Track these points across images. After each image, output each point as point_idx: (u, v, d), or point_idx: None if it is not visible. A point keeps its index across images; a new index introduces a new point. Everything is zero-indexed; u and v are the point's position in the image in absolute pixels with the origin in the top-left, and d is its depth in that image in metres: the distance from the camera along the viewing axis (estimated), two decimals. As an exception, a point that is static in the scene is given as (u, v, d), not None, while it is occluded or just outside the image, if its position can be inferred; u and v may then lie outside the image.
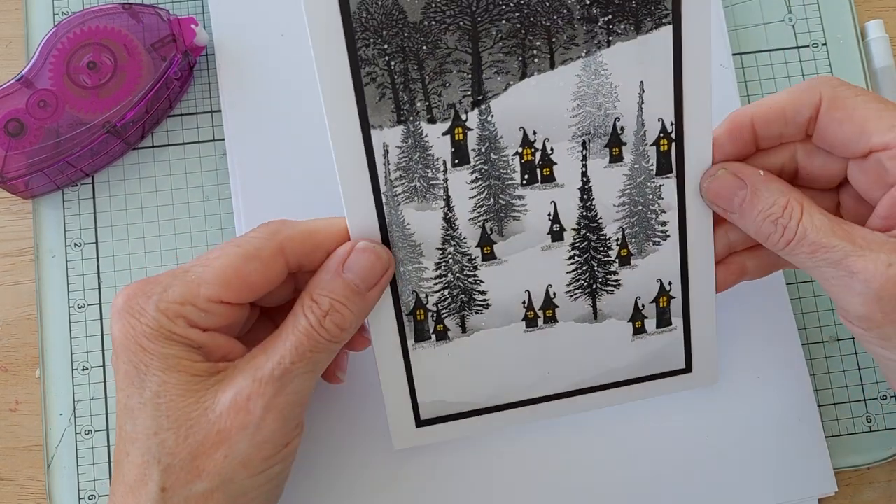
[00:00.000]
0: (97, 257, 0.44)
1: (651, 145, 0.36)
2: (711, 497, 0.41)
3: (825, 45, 0.47)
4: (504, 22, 0.33)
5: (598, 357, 0.39)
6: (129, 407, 0.33)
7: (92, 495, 0.42)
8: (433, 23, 0.33)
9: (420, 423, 0.39)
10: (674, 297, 0.39)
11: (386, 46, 0.33)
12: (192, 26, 0.44)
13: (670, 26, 0.34)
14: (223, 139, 0.45)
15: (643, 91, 0.36)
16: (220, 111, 0.45)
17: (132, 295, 0.33)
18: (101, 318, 0.44)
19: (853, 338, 0.44)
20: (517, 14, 0.33)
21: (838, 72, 0.47)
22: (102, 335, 0.44)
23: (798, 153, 0.37)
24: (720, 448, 0.42)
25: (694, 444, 0.42)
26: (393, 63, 0.33)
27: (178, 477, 0.32)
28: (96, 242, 0.45)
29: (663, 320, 0.39)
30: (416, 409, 0.39)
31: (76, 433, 0.43)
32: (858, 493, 0.43)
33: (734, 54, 0.47)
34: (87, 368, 0.43)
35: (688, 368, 0.40)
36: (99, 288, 0.44)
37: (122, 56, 0.43)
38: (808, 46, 0.47)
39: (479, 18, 0.33)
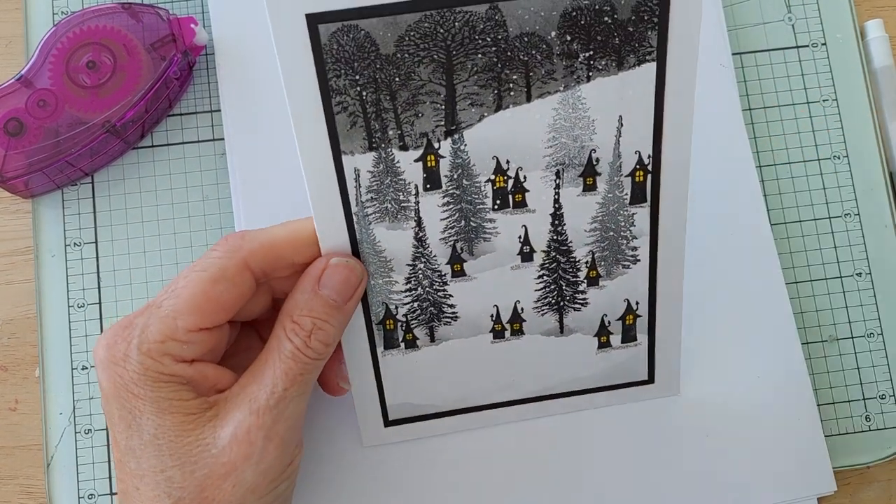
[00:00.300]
0: (97, 257, 0.44)
1: (626, 176, 0.36)
2: (711, 496, 0.41)
3: (825, 44, 0.47)
4: (480, 56, 0.33)
5: (564, 366, 0.40)
6: (130, 447, 0.33)
7: (91, 494, 0.42)
8: (406, 55, 0.33)
9: (388, 423, 0.40)
10: (640, 316, 0.40)
11: (357, 77, 0.33)
12: (192, 26, 0.44)
13: (654, 63, 0.34)
14: (223, 139, 0.45)
15: (621, 125, 0.35)
16: (219, 111, 0.45)
17: (112, 343, 0.33)
18: (101, 318, 0.44)
19: (852, 337, 0.44)
20: (494, 48, 0.33)
21: (838, 72, 0.47)
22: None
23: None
24: (719, 447, 0.42)
25: (693, 443, 0.42)
26: (364, 93, 0.33)
27: None
28: (96, 242, 0.45)
29: (628, 336, 0.40)
30: (385, 410, 0.40)
31: (76, 432, 0.43)
32: (858, 493, 0.43)
33: (734, 54, 0.47)
34: (86, 368, 0.43)
35: (650, 380, 0.41)
36: (98, 287, 0.44)
37: (121, 55, 0.43)
38: (807, 46, 0.47)
39: (453, 52, 0.33)
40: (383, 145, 0.34)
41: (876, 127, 0.47)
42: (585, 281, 0.39)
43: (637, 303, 0.39)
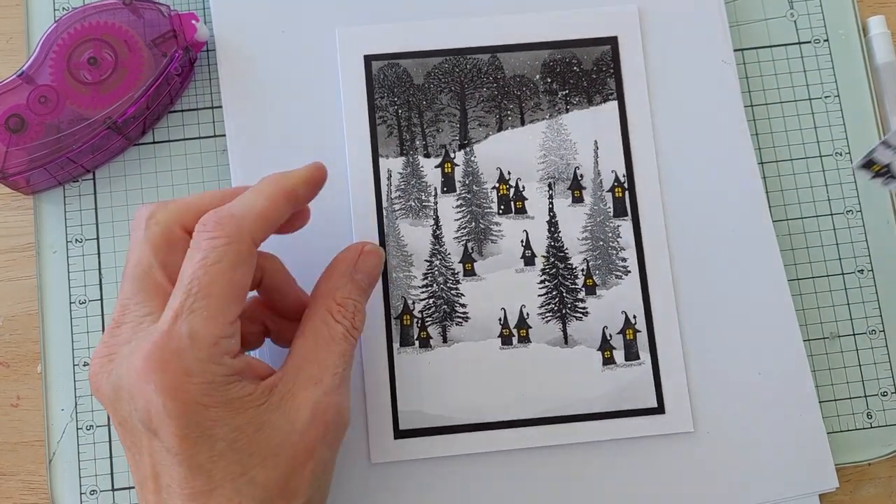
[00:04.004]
0: (98, 253, 0.44)
1: (607, 191, 0.44)
2: (712, 493, 0.41)
3: (827, 40, 0.47)
4: (485, 89, 0.45)
5: (571, 383, 0.42)
6: (197, 464, 0.31)
7: (93, 490, 0.42)
8: (432, 85, 0.45)
9: (398, 434, 0.41)
10: (639, 331, 0.43)
11: (395, 99, 0.44)
12: (193, 22, 0.44)
13: (616, 102, 0.45)
14: (224, 135, 0.45)
15: (597, 148, 0.44)
16: (220, 107, 0.45)
17: (164, 364, 0.31)
18: (103, 314, 0.44)
19: (854, 334, 0.44)
20: (495, 84, 0.45)
21: (840, 68, 0.47)
22: (104, 331, 0.43)
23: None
24: (721, 444, 0.42)
25: (694, 439, 0.42)
26: (400, 111, 0.44)
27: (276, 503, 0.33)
28: (97, 238, 0.45)
29: (631, 353, 0.43)
30: (396, 417, 0.41)
31: (78, 428, 0.43)
32: (859, 490, 0.43)
33: (735, 50, 0.47)
34: (88, 364, 0.43)
35: (660, 409, 0.42)
36: (100, 284, 0.44)
37: (122, 52, 0.43)
38: (809, 42, 0.47)
39: (466, 85, 0.45)
40: (411, 152, 0.44)
41: (878, 123, 0.46)
42: (583, 289, 0.43)
43: (634, 316, 0.43)
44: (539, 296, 0.43)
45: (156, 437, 0.32)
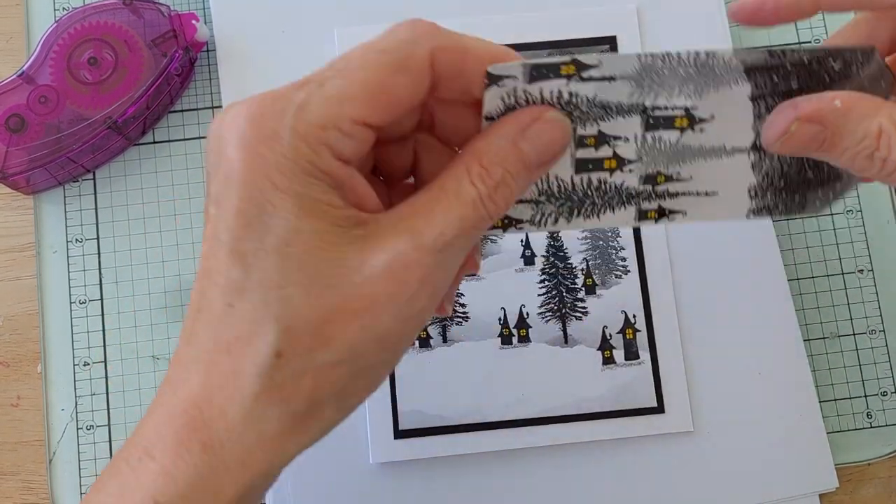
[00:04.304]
0: (98, 253, 0.44)
1: None
2: (712, 493, 0.41)
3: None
4: None
5: (571, 383, 0.42)
6: (240, 251, 0.26)
7: (93, 490, 0.42)
8: None
9: (398, 433, 0.41)
10: (639, 331, 0.43)
11: None
12: (193, 22, 0.44)
13: None
14: (224, 135, 0.45)
15: None
16: (220, 107, 0.45)
17: (259, 115, 0.26)
18: (103, 314, 0.44)
19: (854, 334, 0.44)
20: None
21: (840, 67, 0.47)
22: (104, 330, 0.44)
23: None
24: (721, 443, 0.42)
25: (694, 439, 0.42)
26: None
27: (300, 342, 0.26)
28: (97, 238, 0.45)
29: (631, 353, 0.42)
30: (396, 417, 0.41)
31: (78, 428, 0.43)
32: (859, 489, 0.43)
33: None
34: (88, 364, 0.43)
35: (660, 408, 0.42)
36: (100, 284, 0.44)
37: (122, 52, 0.43)
38: (809, 42, 0.47)
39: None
40: None
41: (878, 123, 0.46)
42: (583, 289, 0.43)
43: (634, 315, 0.43)
44: (539, 295, 0.43)
45: (219, 206, 0.27)
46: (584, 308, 0.43)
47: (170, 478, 0.26)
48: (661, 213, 0.30)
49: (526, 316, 0.43)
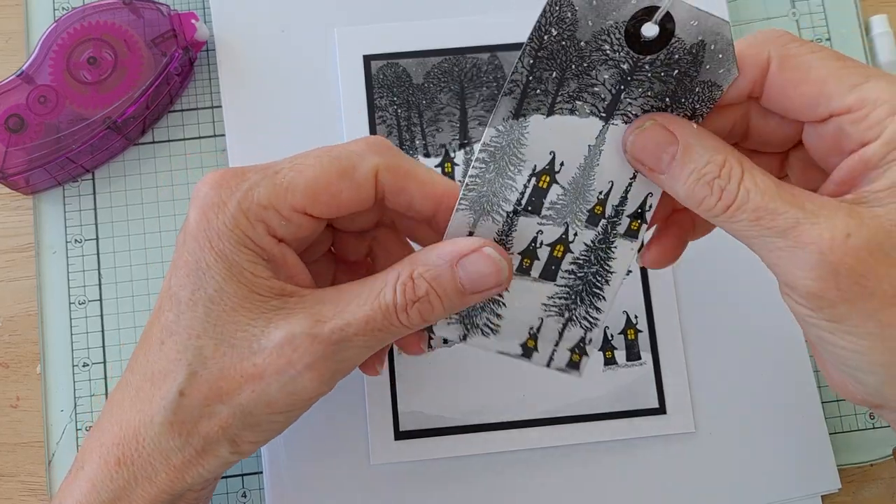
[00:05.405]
0: (98, 253, 0.44)
1: None
2: (713, 494, 0.41)
3: (829, 40, 0.47)
4: (485, 89, 0.45)
5: (572, 384, 0.42)
6: (176, 296, 0.30)
7: (93, 491, 0.42)
8: (431, 85, 0.45)
9: (399, 435, 0.41)
10: (641, 331, 0.43)
11: (395, 99, 0.44)
12: (193, 21, 0.44)
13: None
14: (223, 135, 0.45)
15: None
16: (220, 107, 0.45)
17: (217, 185, 0.30)
18: (102, 315, 0.44)
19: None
20: (494, 84, 0.45)
21: (842, 67, 0.47)
22: (103, 331, 0.43)
23: (752, 112, 0.32)
24: (723, 444, 0.42)
25: (696, 440, 0.42)
26: (399, 111, 0.44)
27: (199, 389, 0.30)
28: (97, 238, 0.44)
29: (632, 353, 0.42)
30: (396, 418, 0.41)
31: (77, 429, 0.43)
32: (861, 490, 0.43)
33: (737, 49, 0.47)
34: (87, 364, 0.43)
35: (662, 409, 0.42)
36: (100, 284, 0.44)
37: (122, 51, 0.43)
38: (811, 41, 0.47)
39: (465, 85, 0.45)
40: (411, 151, 0.44)
41: (880, 123, 0.46)
42: None
43: (636, 316, 0.43)
44: None
45: (177, 254, 0.31)
46: None
47: (93, 487, 0.31)
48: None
49: None
